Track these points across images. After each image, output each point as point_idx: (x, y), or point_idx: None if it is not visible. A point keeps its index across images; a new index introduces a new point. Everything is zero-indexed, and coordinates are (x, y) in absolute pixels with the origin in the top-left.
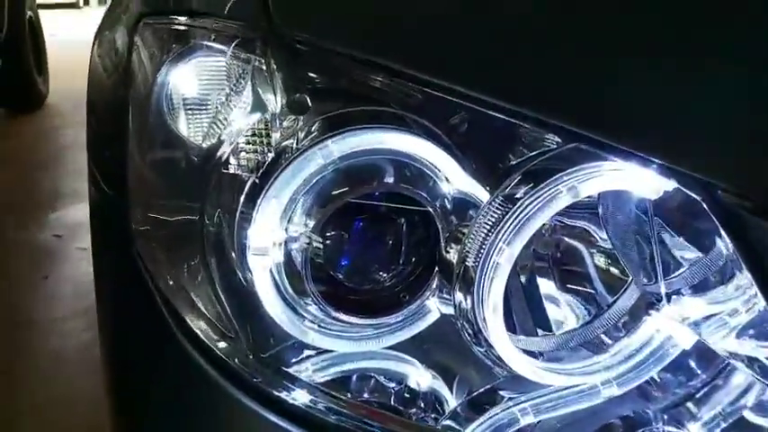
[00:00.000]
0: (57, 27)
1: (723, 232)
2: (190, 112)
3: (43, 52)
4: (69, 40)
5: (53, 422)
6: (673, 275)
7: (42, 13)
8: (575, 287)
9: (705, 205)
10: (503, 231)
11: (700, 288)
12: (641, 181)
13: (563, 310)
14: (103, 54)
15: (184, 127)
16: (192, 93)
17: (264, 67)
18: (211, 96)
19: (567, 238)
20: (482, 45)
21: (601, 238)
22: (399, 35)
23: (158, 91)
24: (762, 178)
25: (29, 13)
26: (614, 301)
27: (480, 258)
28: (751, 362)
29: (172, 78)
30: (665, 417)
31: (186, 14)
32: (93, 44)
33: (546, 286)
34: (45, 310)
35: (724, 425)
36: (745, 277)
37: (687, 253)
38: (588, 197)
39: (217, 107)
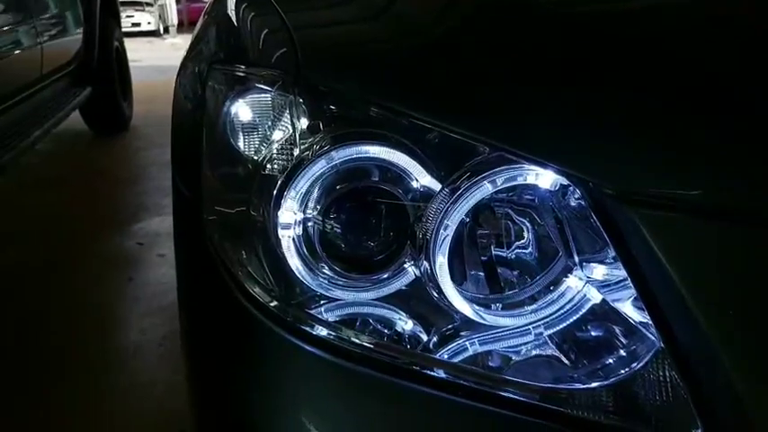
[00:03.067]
0: (140, 55)
1: (593, 213)
2: (245, 133)
3: (128, 79)
4: (151, 66)
5: (133, 404)
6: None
7: (126, 42)
8: (519, 254)
9: (582, 194)
10: (446, 212)
11: (600, 258)
12: (543, 177)
13: (511, 271)
14: (184, 86)
15: (242, 144)
16: (247, 119)
17: (295, 102)
18: (260, 122)
19: (515, 219)
20: (435, 90)
21: (538, 218)
22: (383, 83)
23: (224, 118)
24: (616, 172)
25: (116, 43)
26: (549, 269)
27: (432, 232)
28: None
29: (233, 109)
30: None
31: (243, 64)
32: (177, 78)
33: (498, 254)
34: (128, 308)
35: None
36: None
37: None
38: (512, 188)
39: (265, 130)
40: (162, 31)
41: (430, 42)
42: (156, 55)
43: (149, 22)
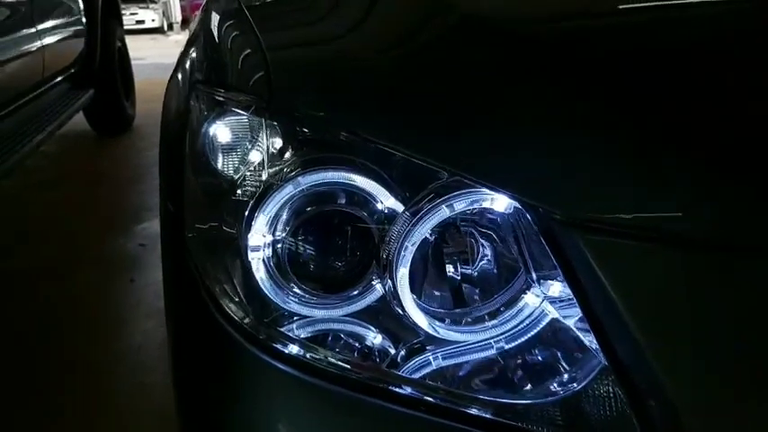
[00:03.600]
0: (143, 53)
1: (542, 236)
2: (223, 153)
3: (130, 79)
4: (154, 64)
5: (135, 404)
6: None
7: (130, 39)
8: (482, 271)
9: (531, 219)
10: (407, 233)
11: (555, 276)
12: (498, 202)
13: (474, 287)
14: (172, 99)
15: (219, 164)
16: (224, 141)
17: (268, 126)
18: (236, 144)
19: (478, 238)
20: (398, 117)
21: (499, 238)
22: (350, 109)
23: (203, 138)
24: (563, 199)
25: (118, 43)
26: (510, 285)
27: (394, 251)
28: None
29: (211, 130)
30: None
31: (222, 87)
32: (167, 89)
33: (462, 271)
34: (131, 309)
35: None
36: None
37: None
38: (469, 212)
39: (240, 152)
40: (166, 27)
41: (395, 71)
42: (159, 52)
43: (153, 20)
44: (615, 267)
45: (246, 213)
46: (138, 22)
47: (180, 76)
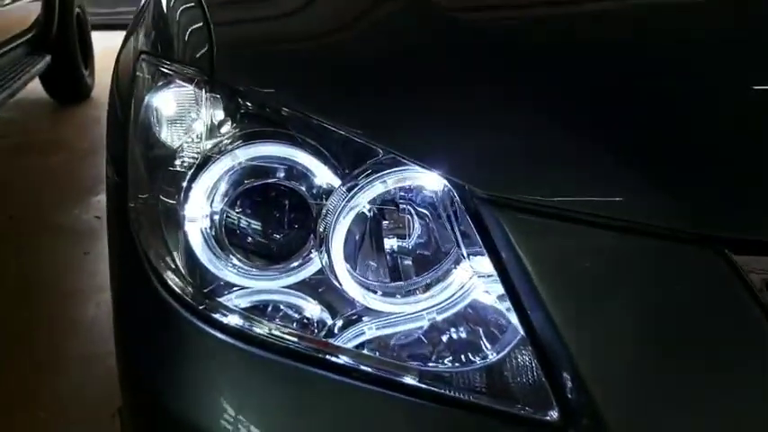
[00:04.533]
0: None
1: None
2: (167, 125)
3: (90, 47)
4: (114, 34)
5: (87, 373)
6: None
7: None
8: (415, 248)
9: (456, 195)
10: (340, 208)
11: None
12: (428, 179)
13: (408, 263)
14: (122, 68)
15: (162, 135)
16: (167, 112)
17: (209, 100)
18: (179, 116)
19: (414, 214)
20: (336, 94)
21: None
22: (290, 85)
23: (147, 108)
24: (486, 179)
25: (77, 9)
26: (442, 261)
27: (330, 225)
28: None
29: (155, 100)
30: None
31: (167, 59)
32: (116, 60)
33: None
34: (85, 281)
35: None
36: None
37: None
38: (405, 190)
39: (182, 124)
40: None
41: (335, 50)
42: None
43: None
44: (532, 245)
45: (185, 184)
46: None
47: (129, 43)
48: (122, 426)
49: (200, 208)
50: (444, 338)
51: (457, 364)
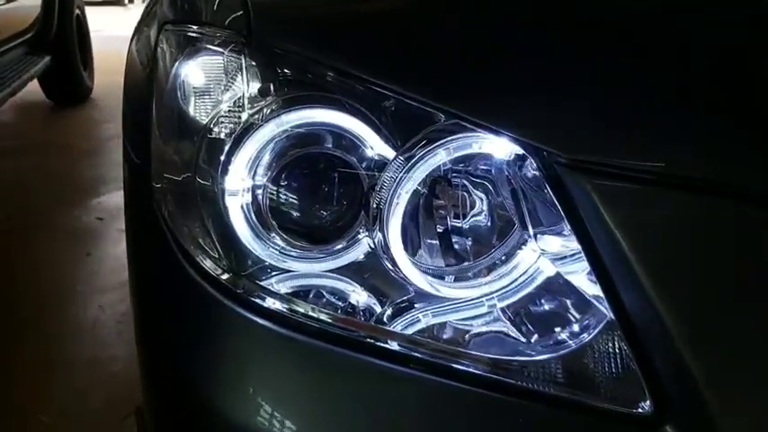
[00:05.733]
0: (103, 24)
1: (547, 183)
2: (196, 96)
3: (89, 48)
4: (114, 36)
5: (91, 378)
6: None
7: (90, 11)
8: (474, 226)
9: (536, 163)
10: (400, 180)
11: (555, 230)
12: (498, 145)
13: (467, 243)
14: (138, 51)
15: (191, 108)
16: (197, 82)
17: (246, 65)
18: (211, 85)
19: (471, 191)
20: (391, 54)
21: (494, 190)
22: (338, 46)
23: (173, 80)
24: (570, 142)
25: (76, 11)
26: (504, 241)
27: (386, 201)
28: None
29: (183, 71)
30: None
31: (195, 24)
32: (132, 39)
33: (454, 226)
34: (87, 282)
35: None
36: None
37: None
38: (468, 159)
39: (215, 94)
40: (127, 0)
41: (388, 7)
42: (118, 24)
43: None
44: (624, 213)
45: (224, 155)
46: None
47: (146, 25)
48: (142, 426)
49: (241, 180)
50: (510, 325)
51: (529, 352)
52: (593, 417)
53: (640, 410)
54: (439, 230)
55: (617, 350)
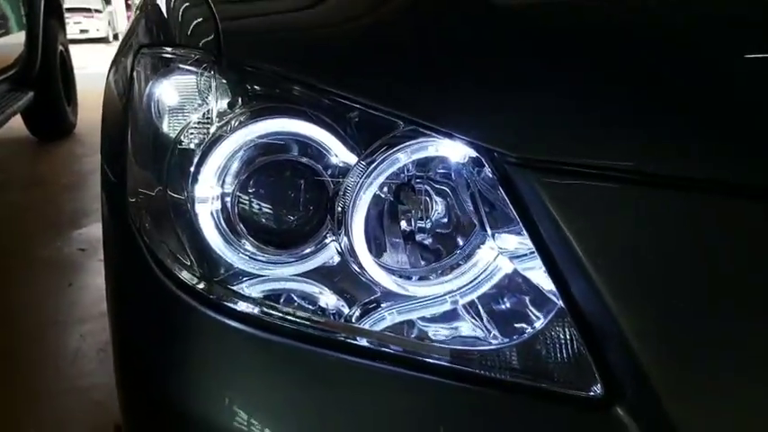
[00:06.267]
0: (86, 61)
1: (498, 182)
2: (170, 114)
3: (72, 84)
4: (97, 73)
5: (71, 406)
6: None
7: (74, 48)
8: (436, 228)
9: (487, 164)
10: (362, 184)
11: (512, 229)
12: (452, 148)
13: (429, 244)
14: (116, 78)
15: (165, 124)
16: (171, 100)
17: (217, 81)
18: (184, 102)
19: (432, 195)
20: (352, 67)
21: (454, 193)
22: (302, 60)
23: (148, 100)
24: (518, 142)
25: (60, 48)
26: (465, 242)
27: (350, 204)
28: None
29: (158, 90)
30: None
31: (168, 45)
32: (109, 71)
33: (417, 228)
34: (68, 312)
35: None
36: None
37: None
38: (427, 165)
39: (187, 110)
40: (111, 38)
41: (348, 22)
42: (102, 61)
43: (98, 29)
44: (571, 209)
45: (193, 165)
46: (83, 31)
47: (123, 55)
48: None
49: (210, 188)
50: (469, 318)
51: (489, 343)
52: (548, 400)
53: (592, 393)
54: (403, 233)
55: (569, 338)
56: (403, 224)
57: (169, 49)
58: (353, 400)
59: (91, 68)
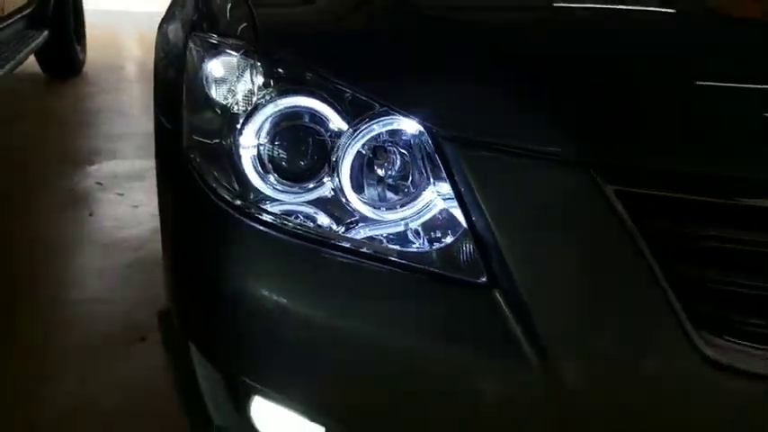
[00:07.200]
0: None
1: (435, 149)
2: (217, 85)
3: (82, 23)
4: (100, 10)
5: (98, 314)
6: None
7: None
8: (398, 176)
9: (428, 135)
10: (348, 144)
11: (444, 181)
12: (409, 123)
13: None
14: (165, 44)
15: (214, 92)
16: (219, 75)
17: (254, 65)
18: (228, 77)
19: (397, 152)
20: (348, 66)
21: (412, 155)
22: (314, 55)
23: (201, 73)
24: (446, 121)
25: None
26: (417, 187)
27: (340, 156)
28: None
29: (208, 67)
30: None
31: (216, 33)
32: (157, 36)
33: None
34: (91, 237)
35: None
36: None
37: None
38: (395, 132)
39: (232, 83)
40: None
41: (347, 30)
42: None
43: None
44: (478, 170)
45: (239, 124)
46: None
47: (171, 25)
48: (165, 325)
49: (250, 140)
50: (413, 233)
51: (421, 247)
52: (454, 284)
53: (480, 281)
54: (376, 177)
55: (469, 248)
56: (377, 172)
57: (216, 36)
58: (336, 279)
59: (90, 5)
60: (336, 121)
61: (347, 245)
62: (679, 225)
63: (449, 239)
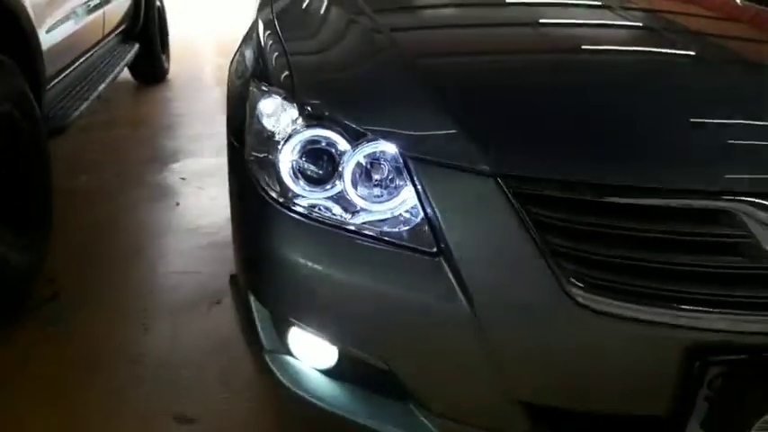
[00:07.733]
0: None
1: (404, 164)
2: (267, 117)
3: (166, 35)
4: (180, 21)
5: (181, 283)
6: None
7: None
8: (385, 179)
9: (400, 155)
10: (349, 160)
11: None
12: (389, 145)
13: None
14: (234, 85)
15: (265, 122)
16: (268, 111)
17: (291, 106)
18: (274, 113)
19: (384, 166)
20: (351, 106)
21: (394, 167)
22: (331, 100)
23: (255, 108)
24: (408, 143)
25: (158, 2)
26: (398, 187)
27: (344, 168)
28: None
29: (261, 105)
30: None
31: (267, 83)
32: (228, 78)
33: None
34: (180, 222)
35: None
36: None
37: None
38: (383, 152)
39: (276, 116)
40: None
41: (348, 81)
42: (185, 13)
43: None
44: (430, 182)
45: (280, 146)
46: None
47: (237, 72)
48: (235, 285)
49: (287, 157)
50: (394, 219)
51: (397, 229)
52: (414, 252)
53: (432, 250)
54: (371, 181)
55: (426, 229)
56: (371, 177)
57: (265, 84)
58: (344, 249)
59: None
60: (343, 144)
61: (352, 227)
62: (557, 214)
63: (414, 223)
